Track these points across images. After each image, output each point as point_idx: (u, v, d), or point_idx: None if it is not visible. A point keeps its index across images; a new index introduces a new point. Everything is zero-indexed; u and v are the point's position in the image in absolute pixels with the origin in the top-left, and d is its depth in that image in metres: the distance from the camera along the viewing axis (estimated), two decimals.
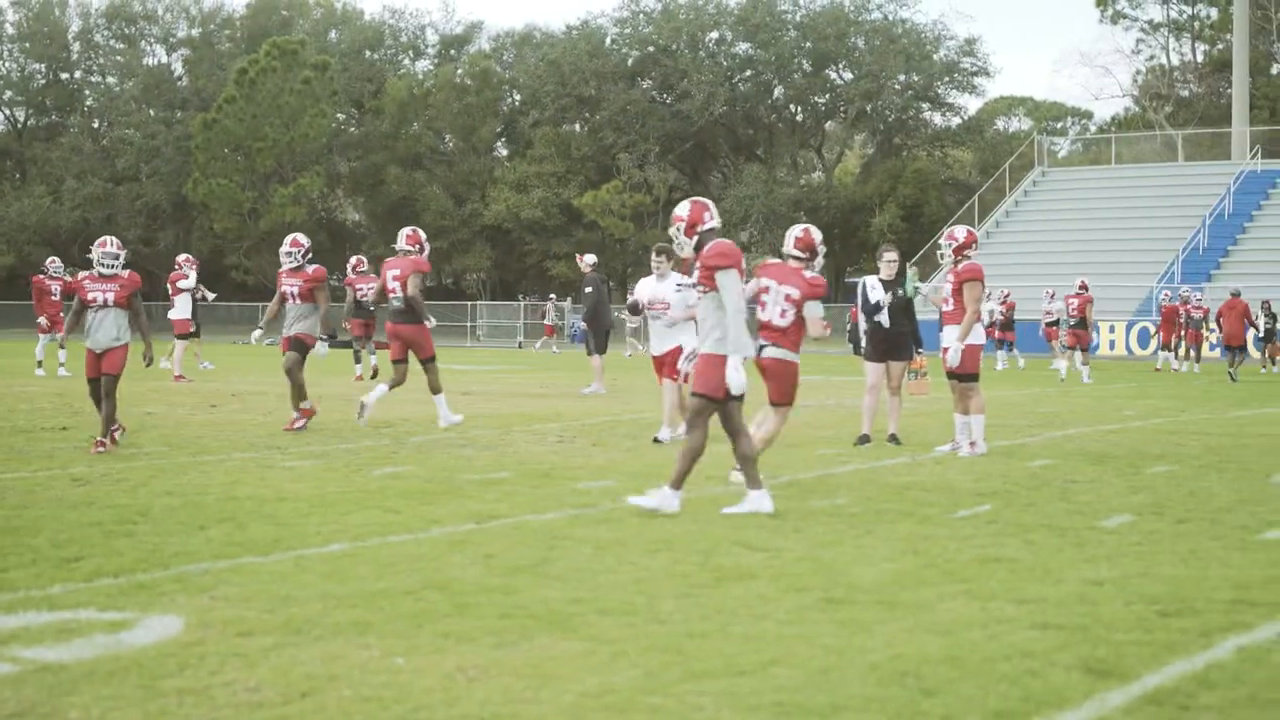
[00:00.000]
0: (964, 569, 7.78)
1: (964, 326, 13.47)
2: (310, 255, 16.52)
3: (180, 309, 27.05)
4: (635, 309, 15.91)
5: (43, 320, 26.78)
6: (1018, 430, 16.70)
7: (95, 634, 6.24)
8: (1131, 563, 8.02)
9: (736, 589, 7.23)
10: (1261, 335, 36.80)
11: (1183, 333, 35.58)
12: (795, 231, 11.47)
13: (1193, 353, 35.86)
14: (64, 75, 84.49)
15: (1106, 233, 54.89)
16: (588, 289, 24.44)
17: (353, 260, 27.73)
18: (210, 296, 28.93)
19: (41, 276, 27.41)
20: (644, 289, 15.41)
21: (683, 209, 10.03)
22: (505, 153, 78.44)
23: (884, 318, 14.80)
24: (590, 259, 24.80)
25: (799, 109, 74.86)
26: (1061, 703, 5.28)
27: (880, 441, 14.68)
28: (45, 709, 5.16)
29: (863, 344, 15.23)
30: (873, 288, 14.90)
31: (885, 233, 61.74)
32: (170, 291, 27.45)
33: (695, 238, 9.90)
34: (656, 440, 14.83)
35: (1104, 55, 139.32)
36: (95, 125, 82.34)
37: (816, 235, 11.44)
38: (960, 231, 14.17)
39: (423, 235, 16.67)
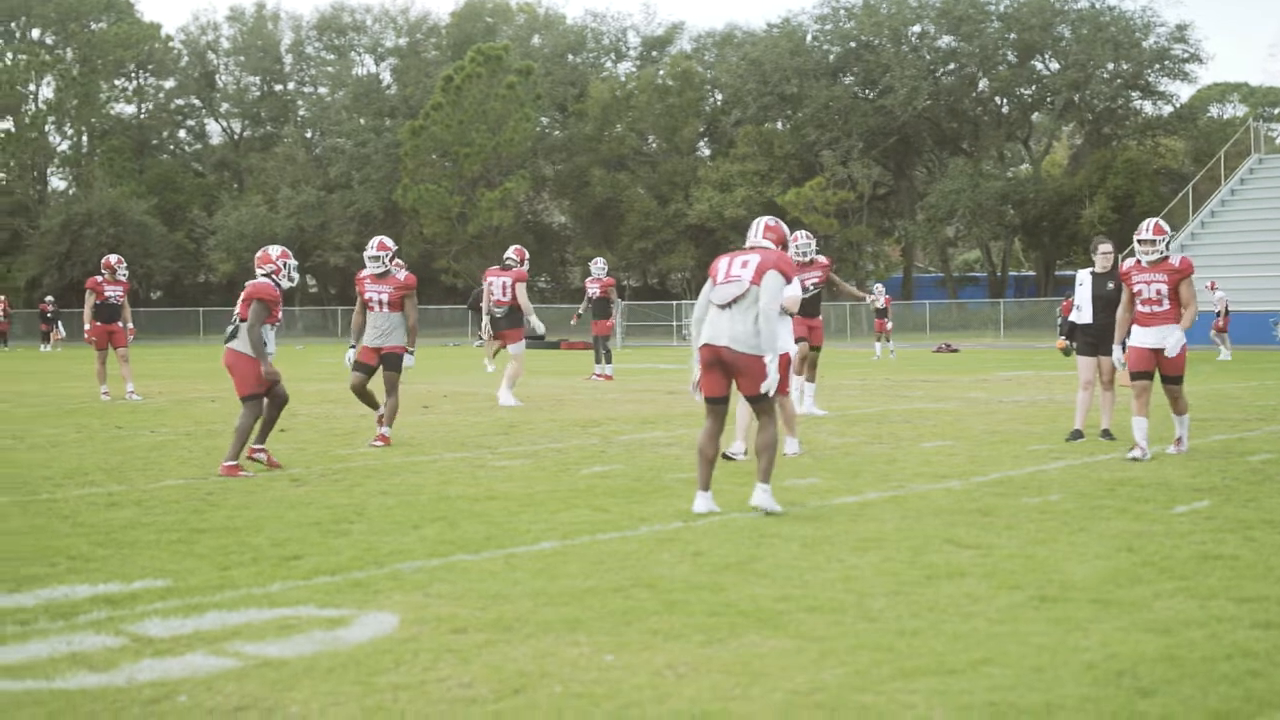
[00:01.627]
0: (1182, 566, 7.60)
1: (1186, 319, 13.02)
2: (396, 259, 15.49)
3: None
4: None
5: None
6: (1235, 424, 16.25)
7: (314, 630, 6.39)
8: None
9: (947, 587, 7.15)
10: None
11: None
12: None
13: None
14: (278, 87, 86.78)
15: None
16: None
17: (599, 262, 28.23)
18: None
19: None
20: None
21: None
22: (708, 152, 78.47)
23: (1078, 315, 14.59)
24: None
25: (1004, 101, 73.67)
26: None
27: (1093, 437, 14.40)
28: (267, 703, 5.30)
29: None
30: (1080, 283, 14.63)
31: (1096, 225, 60.52)
32: None
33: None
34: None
35: None
36: (308, 135, 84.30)
37: None
38: (1164, 224, 13.55)
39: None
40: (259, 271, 12.83)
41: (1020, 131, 75.58)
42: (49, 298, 58.80)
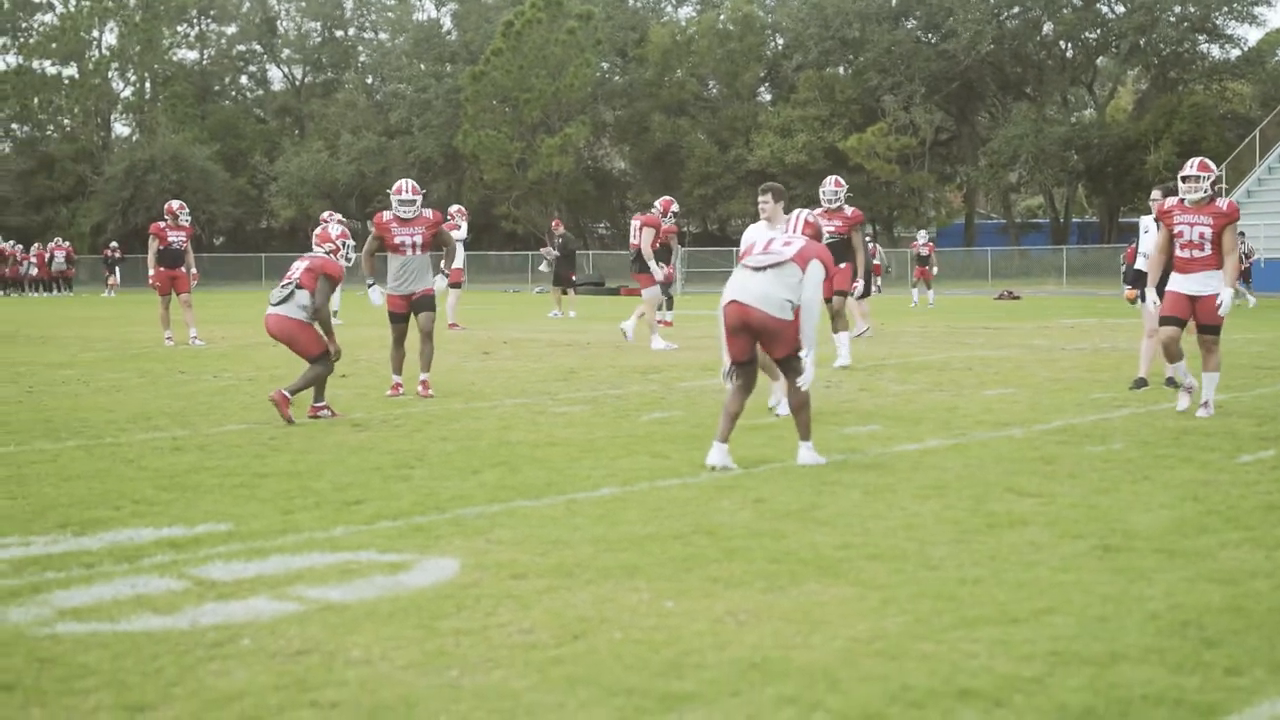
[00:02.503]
0: (1248, 516, 7.53)
1: (1229, 273, 12.06)
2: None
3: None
4: None
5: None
6: None
7: (375, 575, 6.43)
8: None
9: (1009, 535, 7.12)
10: None
11: None
12: None
13: None
14: (339, 33, 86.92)
15: None
16: None
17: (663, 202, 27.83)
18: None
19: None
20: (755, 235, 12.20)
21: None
22: (769, 97, 78.02)
23: (1144, 262, 14.41)
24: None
25: (1069, 45, 72.77)
26: None
27: (1157, 385, 14.27)
28: (329, 647, 5.34)
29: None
30: (1145, 230, 14.45)
31: (1161, 170, 59.75)
32: None
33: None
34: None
35: None
36: (369, 81, 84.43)
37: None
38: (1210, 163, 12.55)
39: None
40: (319, 249, 12.86)
41: (1084, 76, 74.71)
42: (113, 243, 59.25)
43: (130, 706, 4.74)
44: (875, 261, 49.47)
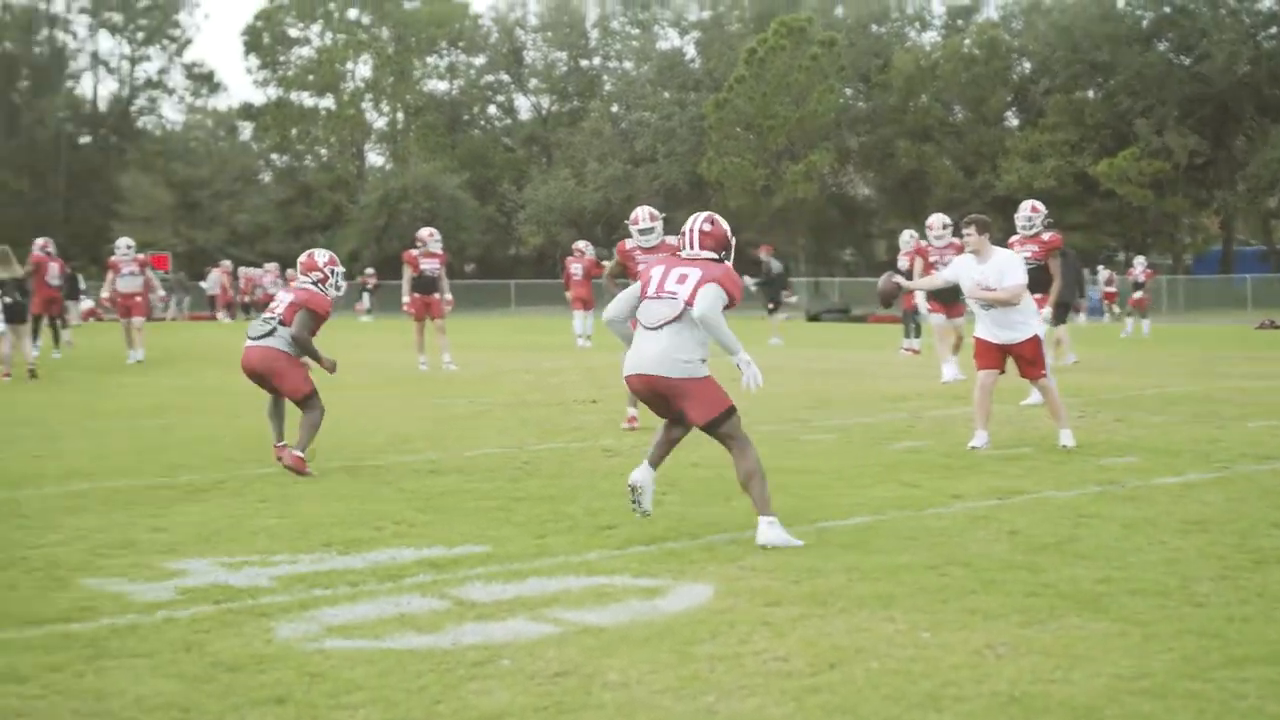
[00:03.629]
0: None
1: None
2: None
3: None
4: (888, 298, 12.76)
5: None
6: None
7: (630, 599, 6.50)
8: None
9: (1278, 573, 6.89)
10: None
11: None
12: None
13: None
14: (584, 62, 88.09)
15: None
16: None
17: (907, 235, 26.79)
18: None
19: (569, 257, 30.74)
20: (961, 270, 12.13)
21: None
22: (1016, 122, 76.90)
23: None
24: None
25: None
26: None
27: None
28: (586, 669, 5.41)
29: None
30: None
31: None
32: None
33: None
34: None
35: None
36: (614, 109, 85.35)
37: None
38: None
39: None
40: (304, 279, 11.79)
41: None
42: (369, 270, 60.82)
43: None
44: (1110, 289, 48.38)
